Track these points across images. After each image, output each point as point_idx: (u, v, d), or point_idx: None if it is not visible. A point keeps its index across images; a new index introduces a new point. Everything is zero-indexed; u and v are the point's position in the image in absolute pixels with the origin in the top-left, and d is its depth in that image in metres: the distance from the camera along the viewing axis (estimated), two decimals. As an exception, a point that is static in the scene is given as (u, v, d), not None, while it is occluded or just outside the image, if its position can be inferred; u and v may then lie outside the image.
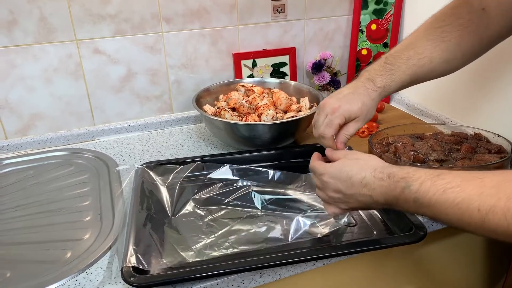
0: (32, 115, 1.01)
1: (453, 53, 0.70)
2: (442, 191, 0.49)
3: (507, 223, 0.43)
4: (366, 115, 0.68)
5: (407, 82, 0.70)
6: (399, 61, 0.70)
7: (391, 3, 1.19)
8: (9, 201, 0.81)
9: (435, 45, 0.70)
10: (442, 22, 0.71)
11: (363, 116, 0.68)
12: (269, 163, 0.88)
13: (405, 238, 0.65)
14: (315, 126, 0.69)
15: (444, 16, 0.72)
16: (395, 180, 0.55)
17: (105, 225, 0.73)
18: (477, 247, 0.91)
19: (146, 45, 1.04)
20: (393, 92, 0.71)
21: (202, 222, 0.73)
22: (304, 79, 1.27)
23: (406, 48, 0.71)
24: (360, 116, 0.67)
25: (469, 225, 0.47)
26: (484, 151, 0.84)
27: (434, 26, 0.71)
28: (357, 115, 0.67)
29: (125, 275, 0.56)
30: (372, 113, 0.69)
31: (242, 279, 0.62)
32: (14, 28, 0.92)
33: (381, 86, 0.69)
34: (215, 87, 1.09)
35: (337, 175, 0.61)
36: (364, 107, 0.67)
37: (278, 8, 1.14)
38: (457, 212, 0.48)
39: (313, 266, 0.67)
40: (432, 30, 0.71)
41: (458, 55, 0.70)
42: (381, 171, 0.57)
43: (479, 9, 0.68)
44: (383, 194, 0.56)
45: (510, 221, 0.43)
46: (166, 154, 0.98)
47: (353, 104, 0.66)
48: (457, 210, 0.48)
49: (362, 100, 0.67)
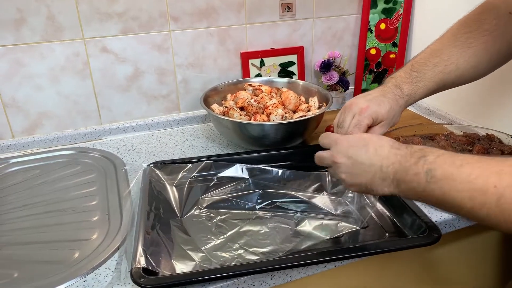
0: (39, 114, 1.00)
1: (480, 58, 0.69)
2: (459, 165, 0.47)
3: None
4: (392, 119, 0.68)
5: (433, 89, 0.69)
6: (425, 68, 0.69)
7: (401, 2, 1.18)
8: (16, 200, 0.81)
9: (461, 51, 0.69)
10: (467, 28, 0.70)
11: (389, 121, 0.67)
12: (278, 163, 0.87)
13: (418, 240, 0.64)
14: (341, 126, 0.66)
15: (470, 22, 0.71)
16: (413, 151, 0.53)
17: (113, 225, 0.72)
18: (488, 249, 0.90)
19: (154, 44, 1.04)
20: (419, 99, 0.70)
21: (211, 223, 0.72)
22: (312, 78, 1.26)
23: (432, 55, 0.70)
24: (386, 120, 0.66)
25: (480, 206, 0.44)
26: (497, 152, 0.83)
27: (460, 32, 0.70)
28: (384, 118, 0.66)
29: (134, 276, 0.55)
30: (397, 119, 0.68)
31: (253, 281, 0.61)
32: (22, 27, 0.91)
33: (408, 94, 0.69)
34: (223, 86, 1.08)
35: (354, 142, 0.59)
36: (391, 112, 0.67)
37: (286, 7, 1.13)
38: (470, 188, 0.45)
39: (324, 268, 0.66)
40: (458, 36, 0.70)
41: (484, 60, 0.69)
42: (399, 144, 0.56)
43: (506, 13, 0.67)
44: (394, 164, 0.54)
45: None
46: (173, 153, 0.97)
47: (381, 107, 0.66)
48: (472, 186, 0.45)
49: (390, 104, 0.67)
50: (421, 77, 0.69)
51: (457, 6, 1.04)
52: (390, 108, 0.66)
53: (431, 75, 0.69)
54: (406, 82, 0.69)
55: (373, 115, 0.65)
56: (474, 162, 0.47)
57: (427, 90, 0.69)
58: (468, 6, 0.83)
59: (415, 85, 0.69)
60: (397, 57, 1.23)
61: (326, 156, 0.62)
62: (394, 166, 0.54)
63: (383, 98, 0.67)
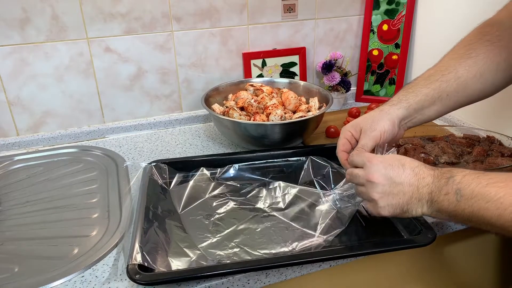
0: (43, 112, 1.02)
1: (483, 67, 0.67)
2: (485, 184, 0.49)
3: None
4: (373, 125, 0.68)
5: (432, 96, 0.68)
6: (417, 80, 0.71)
7: (403, 3, 1.18)
8: (19, 197, 0.82)
9: (460, 61, 0.68)
10: (467, 42, 0.70)
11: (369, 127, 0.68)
12: (278, 163, 0.88)
13: (413, 241, 0.64)
14: None
15: (470, 36, 0.70)
16: (442, 171, 0.55)
17: (112, 222, 0.74)
18: (490, 250, 0.89)
19: (156, 44, 1.05)
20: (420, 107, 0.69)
21: (209, 221, 0.72)
22: (314, 79, 1.27)
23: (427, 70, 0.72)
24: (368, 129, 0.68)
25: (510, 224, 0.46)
26: (496, 154, 0.82)
27: (459, 46, 0.71)
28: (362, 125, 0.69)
29: (130, 272, 0.56)
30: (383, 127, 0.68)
31: (248, 279, 0.62)
32: (27, 26, 0.93)
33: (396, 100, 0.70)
34: (225, 86, 1.09)
35: (390, 161, 0.59)
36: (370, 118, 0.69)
37: (288, 8, 1.13)
38: (499, 207, 0.47)
39: (319, 268, 0.66)
40: (456, 49, 0.71)
41: (491, 69, 0.67)
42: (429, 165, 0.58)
43: (510, 27, 0.66)
44: (429, 184, 0.55)
45: None
46: (175, 152, 0.98)
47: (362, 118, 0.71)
48: (499, 205, 0.47)
49: (372, 114, 0.70)
50: (414, 86, 0.70)
51: (460, 7, 1.04)
52: (370, 116, 0.70)
53: (424, 84, 0.69)
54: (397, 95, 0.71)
55: (354, 125, 0.70)
56: (499, 181, 0.49)
57: (424, 96, 0.68)
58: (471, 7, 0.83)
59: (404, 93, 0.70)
60: (399, 58, 1.23)
61: (360, 175, 0.61)
62: (429, 187, 0.56)
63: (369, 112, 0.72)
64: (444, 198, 0.53)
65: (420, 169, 0.57)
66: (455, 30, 1.07)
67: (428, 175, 0.56)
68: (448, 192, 0.53)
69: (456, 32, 0.72)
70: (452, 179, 0.53)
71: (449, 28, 1.08)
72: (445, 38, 1.10)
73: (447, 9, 1.09)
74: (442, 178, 0.54)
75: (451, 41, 0.73)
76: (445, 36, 1.10)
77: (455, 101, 0.70)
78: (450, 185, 0.53)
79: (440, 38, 1.12)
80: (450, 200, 0.53)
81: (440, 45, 1.12)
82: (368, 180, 0.59)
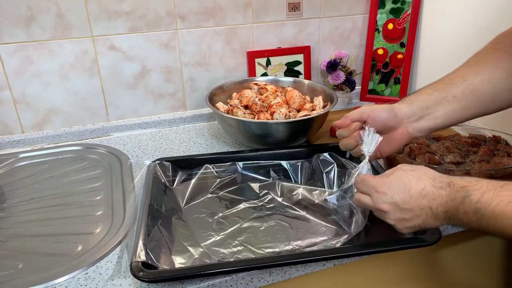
0: (48, 110, 1.02)
1: (492, 72, 0.66)
2: (507, 202, 0.47)
3: None
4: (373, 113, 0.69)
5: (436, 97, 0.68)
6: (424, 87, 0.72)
7: (409, 2, 1.17)
8: (24, 194, 0.83)
9: (468, 67, 0.68)
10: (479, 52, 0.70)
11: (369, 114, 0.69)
12: (282, 161, 0.88)
13: (418, 240, 0.63)
14: None
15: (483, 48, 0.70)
16: (455, 190, 0.53)
17: (116, 219, 0.74)
18: (492, 252, 0.89)
19: (161, 42, 1.05)
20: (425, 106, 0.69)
21: (212, 219, 0.72)
22: (319, 78, 1.26)
23: None
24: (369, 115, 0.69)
25: None
26: (503, 154, 0.82)
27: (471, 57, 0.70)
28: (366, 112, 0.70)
29: (134, 270, 0.56)
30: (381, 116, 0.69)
31: (251, 277, 0.62)
32: (32, 24, 0.93)
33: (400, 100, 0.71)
34: (229, 85, 1.09)
35: (394, 187, 0.57)
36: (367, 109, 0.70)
37: (293, 7, 1.13)
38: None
39: (323, 267, 0.66)
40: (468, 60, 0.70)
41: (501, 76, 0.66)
42: (440, 180, 0.55)
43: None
44: (443, 204, 0.54)
45: None
46: (179, 151, 0.98)
47: None
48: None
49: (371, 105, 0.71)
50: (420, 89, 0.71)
51: (466, 6, 1.03)
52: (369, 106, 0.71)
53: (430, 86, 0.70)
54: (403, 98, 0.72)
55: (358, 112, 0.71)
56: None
57: (428, 95, 0.69)
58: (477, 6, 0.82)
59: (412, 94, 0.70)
60: (404, 58, 1.22)
61: (368, 203, 0.61)
62: (443, 207, 0.54)
63: None
64: (464, 216, 0.52)
65: (428, 190, 0.55)
66: (461, 30, 1.07)
67: (439, 195, 0.54)
68: (467, 212, 0.51)
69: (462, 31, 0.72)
70: (468, 198, 0.51)
71: (455, 27, 1.08)
72: (451, 37, 1.10)
73: (453, 9, 1.08)
74: (457, 197, 0.52)
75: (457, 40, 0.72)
76: (451, 35, 1.09)
77: (465, 105, 0.68)
78: (467, 204, 0.51)
79: (446, 37, 1.11)
80: (470, 218, 0.51)
81: (446, 44, 1.12)
82: (378, 209, 0.59)
